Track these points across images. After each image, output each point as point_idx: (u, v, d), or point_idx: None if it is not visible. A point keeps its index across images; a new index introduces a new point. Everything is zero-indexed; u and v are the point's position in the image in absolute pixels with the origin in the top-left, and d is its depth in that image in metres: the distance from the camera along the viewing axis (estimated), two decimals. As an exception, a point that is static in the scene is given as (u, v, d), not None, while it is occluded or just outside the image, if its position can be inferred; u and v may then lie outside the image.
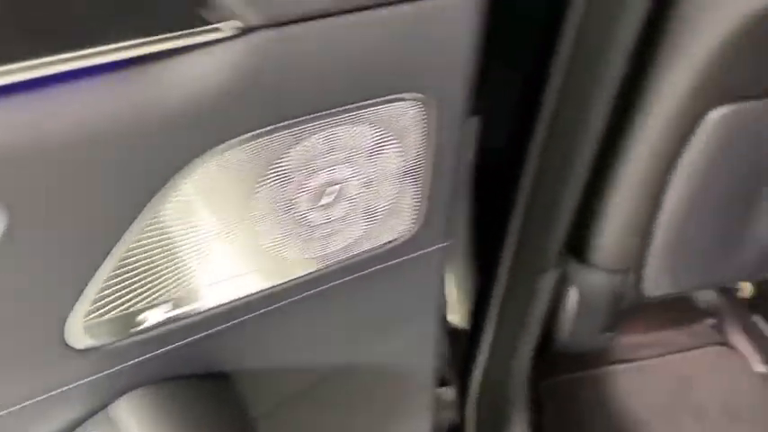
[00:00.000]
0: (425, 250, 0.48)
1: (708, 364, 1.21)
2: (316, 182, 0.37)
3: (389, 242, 0.44)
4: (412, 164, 0.40)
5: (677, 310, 1.29)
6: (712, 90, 0.66)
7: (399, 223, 0.44)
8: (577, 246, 0.87)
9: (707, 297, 1.31)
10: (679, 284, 0.89)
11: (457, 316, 0.93)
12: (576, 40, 0.57)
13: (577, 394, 1.16)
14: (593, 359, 1.20)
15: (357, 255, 0.43)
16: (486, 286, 0.80)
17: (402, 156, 0.39)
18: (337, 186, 0.37)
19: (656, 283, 0.87)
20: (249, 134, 0.34)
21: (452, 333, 0.94)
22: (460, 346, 0.89)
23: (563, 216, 0.70)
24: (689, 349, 1.24)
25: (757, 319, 1.26)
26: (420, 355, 0.60)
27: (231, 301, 0.43)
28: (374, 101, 0.36)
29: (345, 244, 0.41)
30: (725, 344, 1.25)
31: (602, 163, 0.76)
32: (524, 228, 0.72)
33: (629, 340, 1.24)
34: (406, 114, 0.37)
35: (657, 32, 0.65)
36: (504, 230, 0.73)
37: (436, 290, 0.55)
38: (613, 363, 1.20)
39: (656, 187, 0.75)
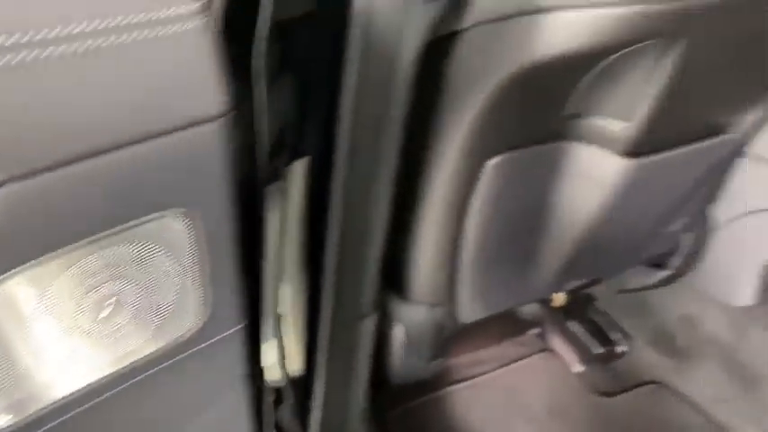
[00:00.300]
0: (218, 336, 0.50)
1: (534, 371, 1.33)
2: (94, 297, 0.38)
3: (180, 336, 0.46)
4: (187, 267, 0.43)
5: (505, 325, 1.40)
6: (487, 142, 0.75)
7: (186, 319, 0.46)
8: (397, 285, 0.93)
9: (530, 309, 1.44)
10: (489, 309, 0.98)
11: (296, 366, 0.95)
12: (355, 108, 0.62)
13: (423, 418, 1.23)
14: (435, 382, 1.27)
15: (150, 354, 0.45)
16: (313, 334, 0.84)
17: (176, 261, 0.42)
18: (114, 298, 0.39)
19: (469, 310, 0.95)
20: (20, 267, 0.35)
21: (292, 383, 0.96)
22: (298, 395, 0.92)
23: (371, 264, 0.75)
24: (517, 359, 1.36)
25: (572, 324, 1.40)
26: (238, 424, 0.61)
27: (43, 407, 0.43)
28: (139, 220, 0.38)
29: (135, 346, 0.43)
30: (547, 350, 1.38)
31: (405, 210, 0.83)
32: (339, 275, 0.76)
33: (465, 359, 1.33)
34: (172, 227, 0.40)
35: (435, 93, 0.73)
36: (323, 278, 0.77)
37: (241, 367, 0.58)
38: (453, 383, 1.28)
39: (454, 229, 0.83)
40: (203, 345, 0.49)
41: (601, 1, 0.56)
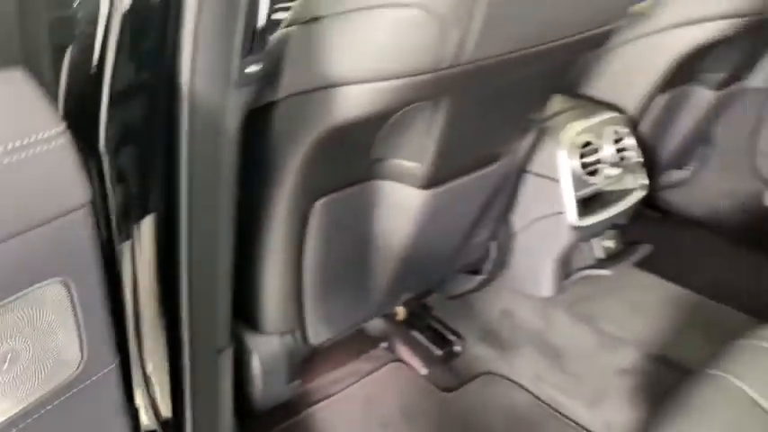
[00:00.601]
0: (94, 377, 0.60)
1: (386, 380, 1.49)
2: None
3: (65, 379, 0.56)
4: (67, 322, 0.53)
5: (356, 342, 1.55)
6: (312, 187, 0.90)
7: (67, 364, 0.56)
8: (249, 318, 1.04)
9: (377, 325, 1.60)
10: (335, 330, 1.12)
11: (165, 408, 1.02)
12: (190, 171, 0.72)
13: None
14: (298, 404, 1.38)
15: (39, 397, 0.54)
16: (176, 374, 0.92)
17: (58, 318, 0.52)
18: (10, 354, 0.49)
19: (317, 333, 1.09)
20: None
21: (164, 425, 1.03)
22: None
23: (222, 302, 0.86)
24: (371, 372, 1.51)
25: (414, 334, 1.58)
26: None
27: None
28: (27, 290, 0.49)
29: (28, 392, 0.52)
30: (396, 360, 1.55)
31: (250, 249, 0.95)
32: (193, 316, 0.86)
33: (324, 379, 1.46)
34: (53, 293, 0.51)
35: (265, 149, 0.87)
36: (179, 320, 0.87)
37: (116, 407, 0.67)
38: (314, 403, 1.40)
39: (294, 262, 0.96)
40: (82, 385, 0.58)
41: (375, 77, 0.73)
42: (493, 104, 0.95)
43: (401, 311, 1.59)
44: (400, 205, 0.99)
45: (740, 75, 1.63)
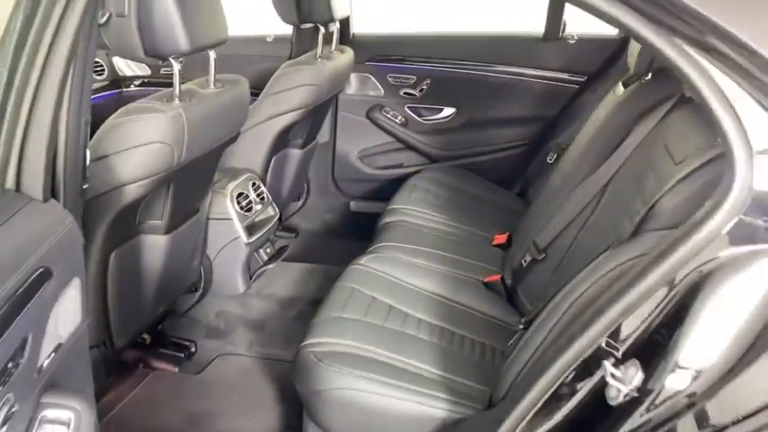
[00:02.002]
0: None
1: (156, 383, 2.12)
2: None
3: None
4: None
5: (123, 368, 2.15)
6: (108, 242, 1.58)
7: None
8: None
9: (132, 354, 2.21)
10: (128, 336, 1.78)
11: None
12: None
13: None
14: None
15: None
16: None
17: None
18: None
19: (119, 340, 1.73)
20: None
21: None
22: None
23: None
24: (139, 383, 2.12)
25: (161, 350, 2.24)
26: None
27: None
28: None
29: None
30: (155, 369, 2.18)
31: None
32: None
33: (111, 395, 2.03)
34: None
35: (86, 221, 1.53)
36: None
37: None
38: (115, 406, 1.97)
39: (102, 292, 1.62)
40: None
41: (141, 178, 1.49)
42: (195, 180, 1.78)
43: (148, 338, 2.24)
44: (155, 247, 1.74)
45: (312, 137, 2.74)
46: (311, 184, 3.10)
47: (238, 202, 2.21)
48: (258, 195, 2.32)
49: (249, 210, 2.25)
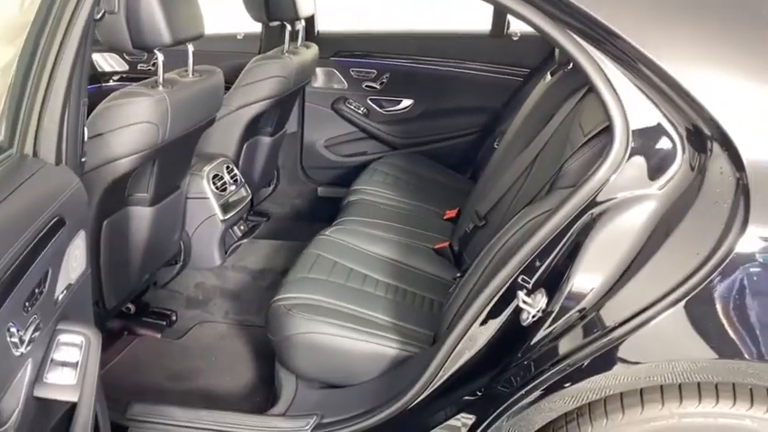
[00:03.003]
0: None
1: (140, 348, 2.34)
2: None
3: None
4: None
5: (111, 336, 2.35)
6: (101, 213, 1.81)
7: None
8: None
9: (116, 324, 2.42)
10: (119, 298, 2.00)
11: None
12: None
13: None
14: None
15: None
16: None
17: None
18: None
19: (110, 302, 1.95)
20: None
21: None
22: None
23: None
24: (125, 347, 2.34)
25: (145, 318, 2.46)
26: None
27: None
28: None
29: None
30: (139, 336, 2.40)
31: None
32: None
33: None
34: None
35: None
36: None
37: None
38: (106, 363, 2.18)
39: (95, 258, 1.84)
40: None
41: (132, 153, 1.72)
42: (176, 158, 2.01)
43: (132, 307, 2.45)
44: (141, 218, 1.96)
45: (281, 126, 2.98)
46: (281, 171, 3.33)
47: (214, 183, 2.44)
48: (232, 177, 2.55)
49: (224, 190, 2.48)
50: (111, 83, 3.35)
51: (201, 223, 2.44)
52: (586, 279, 1.31)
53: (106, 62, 3.34)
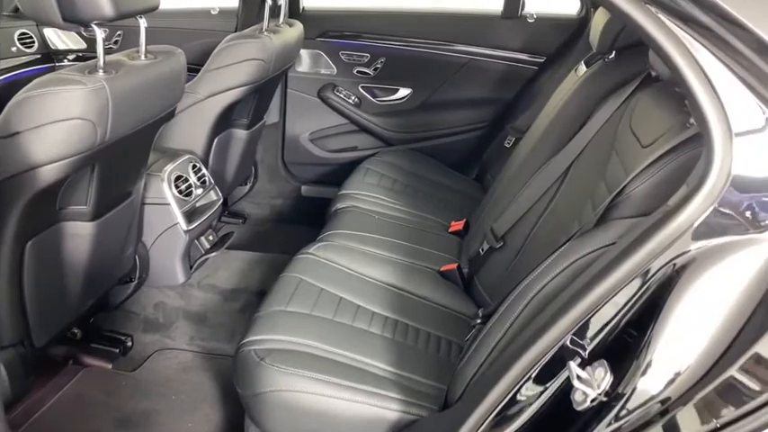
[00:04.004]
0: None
1: (86, 381, 1.95)
2: None
3: None
4: None
5: (51, 366, 1.97)
6: (22, 233, 1.41)
7: None
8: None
9: (60, 351, 2.04)
10: (51, 333, 1.61)
11: None
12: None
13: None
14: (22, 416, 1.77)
15: None
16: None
17: None
18: None
19: (38, 339, 1.57)
20: None
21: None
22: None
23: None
24: (69, 382, 1.95)
25: (94, 345, 2.07)
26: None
27: None
28: None
29: None
30: (87, 366, 2.01)
31: None
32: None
33: (35, 395, 1.86)
34: None
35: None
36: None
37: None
38: (37, 411, 1.80)
39: (17, 288, 1.45)
40: None
41: (59, 158, 1.32)
42: (124, 161, 1.61)
43: (78, 332, 2.06)
44: (79, 235, 1.57)
45: (259, 117, 2.58)
46: (259, 167, 2.94)
47: (176, 186, 2.05)
48: (199, 179, 2.16)
49: (189, 194, 2.09)
50: (66, 63, 2.92)
51: (161, 234, 2.05)
52: (672, 352, 0.95)
53: (60, 38, 2.90)
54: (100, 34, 1.40)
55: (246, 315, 2.16)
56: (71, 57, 2.95)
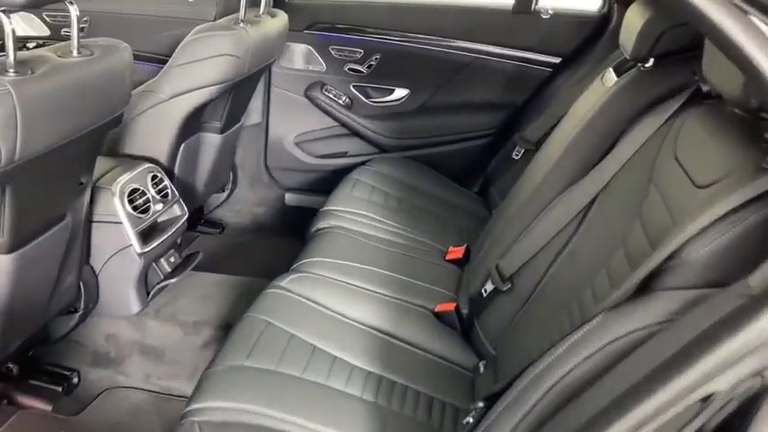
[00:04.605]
0: None
1: (20, 427, 1.67)
2: None
3: None
4: None
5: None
6: None
7: None
8: None
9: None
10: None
11: None
12: None
13: None
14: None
15: None
16: None
17: None
18: None
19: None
20: None
21: None
22: None
23: None
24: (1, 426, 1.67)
25: (32, 382, 1.78)
26: None
27: None
28: None
29: None
30: (23, 408, 1.72)
31: None
32: None
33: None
34: None
35: None
36: None
37: None
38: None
39: None
40: None
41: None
42: (51, 179, 1.32)
43: (14, 367, 1.78)
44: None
45: (235, 120, 2.28)
46: (239, 172, 2.64)
47: (131, 201, 1.75)
48: (159, 191, 1.86)
49: (146, 210, 1.80)
50: (25, 52, 2.61)
51: (112, 257, 1.76)
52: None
53: (18, 24, 2.60)
54: (7, 24, 1.12)
55: (209, 351, 1.88)
56: (31, 45, 2.63)
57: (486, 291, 1.51)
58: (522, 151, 2.19)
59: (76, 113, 1.25)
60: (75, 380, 1.82)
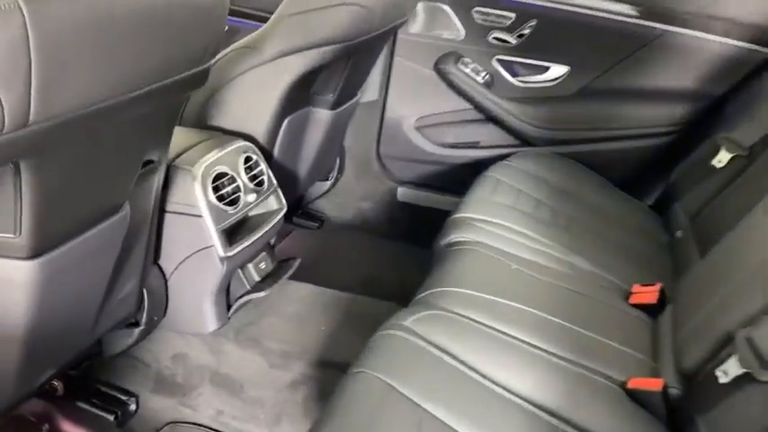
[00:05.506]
0: None
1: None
2: None
3: None
4: None
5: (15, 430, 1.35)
6: None
7: None
8: None
9: (34, 407, 1.41)
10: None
11: None
12: None
13: None
14: None
15: None
16: None
17: None
18: None
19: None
20: None
21: None
22: None
23: None
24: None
25: (80, 404, 1.43)
26: None
27: None
28: None
29: None
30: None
31: None
32: None
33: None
34: None
35: None
36: None
37: None
38: None
39: None
40: None
41: None
42: (95, 156, 0.90)
43: (59, 386, 1.42)
44: (5, 280, 0.88)
45: (351, 94, 1.83)
46: (347, 158, 2.20)
47: (216, 189, 1.34)
48: (253, 178, 1.44)
49: (234, 201, 1.38)
50: None
51: (187, 259, 1.36)
52: None
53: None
54: None
55: (299, 394, 1.44)
56: None
57: (726, 374, 0.97)
58: (729, 158, 1.61)
59: (136, 55, 0.81)
60: (133, 406, 1.45)
